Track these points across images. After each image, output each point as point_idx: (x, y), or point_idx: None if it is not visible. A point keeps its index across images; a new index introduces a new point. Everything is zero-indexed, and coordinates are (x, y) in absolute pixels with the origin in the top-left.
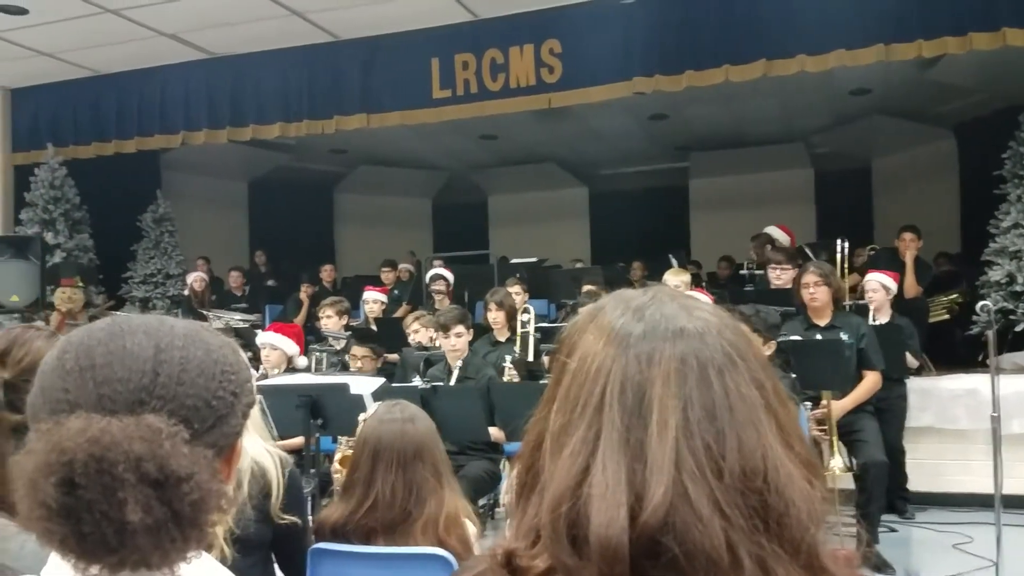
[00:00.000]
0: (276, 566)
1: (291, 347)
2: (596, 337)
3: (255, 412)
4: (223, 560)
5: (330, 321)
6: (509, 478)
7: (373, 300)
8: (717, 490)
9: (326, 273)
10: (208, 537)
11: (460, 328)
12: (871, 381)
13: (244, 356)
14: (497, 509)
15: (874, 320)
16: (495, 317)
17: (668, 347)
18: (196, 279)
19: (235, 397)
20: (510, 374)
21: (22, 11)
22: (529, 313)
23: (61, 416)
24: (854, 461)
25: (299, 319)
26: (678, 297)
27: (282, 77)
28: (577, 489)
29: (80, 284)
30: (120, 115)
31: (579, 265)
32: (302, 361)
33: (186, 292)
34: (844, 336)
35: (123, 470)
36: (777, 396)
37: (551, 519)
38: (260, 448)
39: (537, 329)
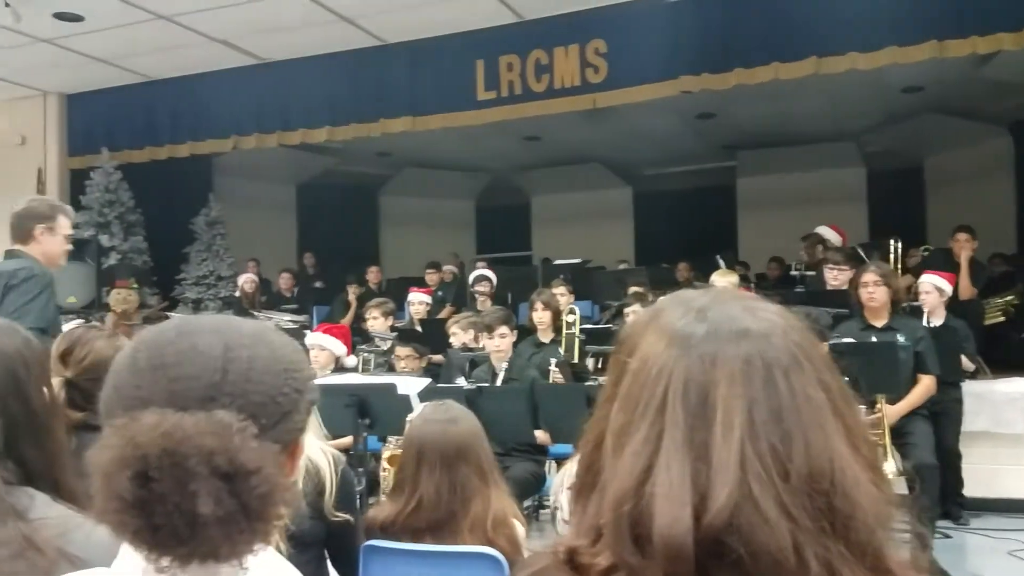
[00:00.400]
0: (329, 563)
1: (339, 348)
2: (657, 338)
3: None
4: None
5: (376, 322)
6: (557, 478)
7: (419, 301)
8: (783, 492)
9: (372, 275)
10: (273, 530)
11: (504, 329)
12: (926, 386)
13: (307, 355)
14: (542, 511)
15: (928, 322)
16: (541, 317)
17: (732, 348)
18: (247, 281)
19: (299, 394)
20: (556, 377)
21: (78, 18)
22: (574, 314)
23: (134, 412)
24: (904, 465)
25: (346, 320)
26: (741, 298)
27: (329, 81)
28: (640, 488)
29: (135, 286)
30: (173, 120)
31: (623, 266)
32: (350, 361)
33: (237, 294)
34: (901, 338)
35: (195, 463)
36: (843, 398)
37: (613, 518)
38: (314, 446)
39: (581, 330)
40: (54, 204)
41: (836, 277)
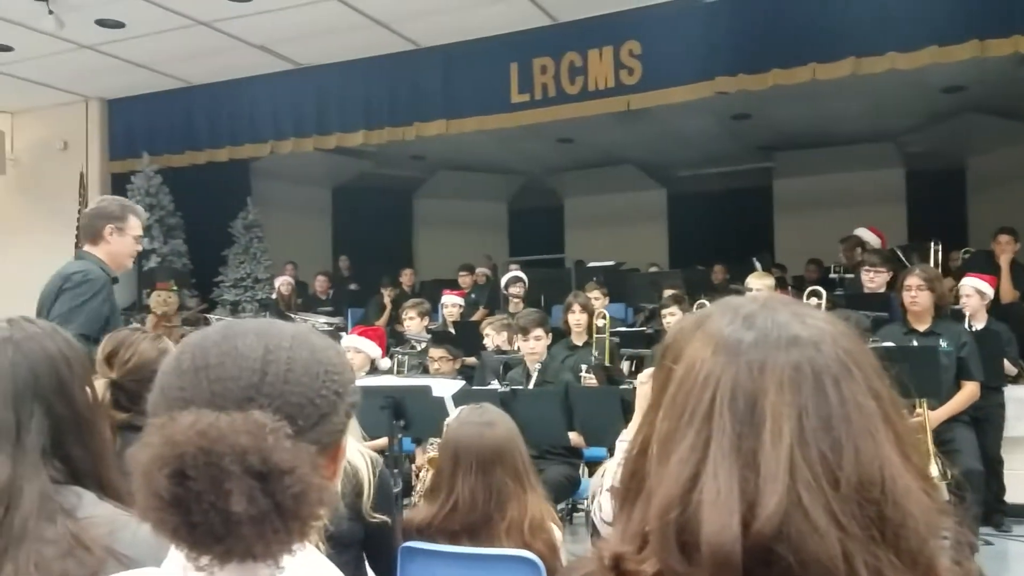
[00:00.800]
0: (367, 564)
1: (374, 350)
2: (704, 344)
3: None
4: None
5: (412, 323)
6: (594, 480)
7: (452, 304)
8: (833, 500)
9: (406, 277)
10: (311, 531)
11: (539, 331)
12: (968, 392)
13: (348, 358)
14: (575, 514)
15: (970, 326)
16: (578, 319)
17: (781, 355)
18: (283, 283)
19: (338, 396)
20: (588, 380)
21: (119, 24)
22: (605, 318)
23: (175, 412)
24: (949, 471)
25: (381, 321)
26: (791, 304)
27: (365, 86)
28: (687, 496)
29: (174, 288)
30: (211, 125)
31: (654, 269)
32: (385, 363)
33: (273, 296)
34: (943, 344)
35: (229, 462)
36: (894, 406)
37: (660, 525)
38: (352, 448)
39: (615, 333)
40: (125, 204)
41: (872, 279)
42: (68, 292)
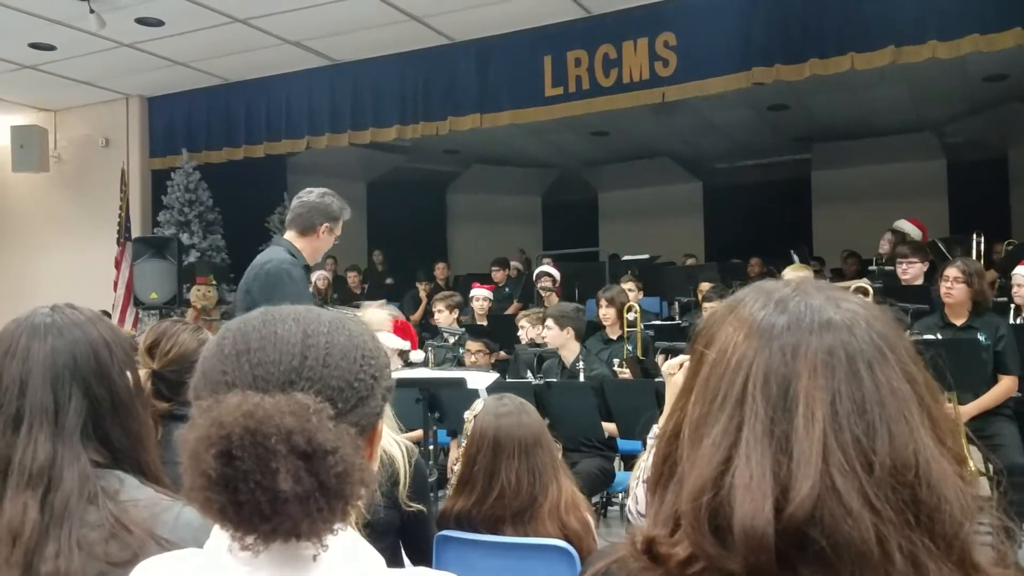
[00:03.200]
0: (404, 552)
1: (395, 342)
2: (736, 329)
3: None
4: None
5: (441, 316)
6: (634, 472)
7: (481, 297)
8: (867, 484)
9: (439, 271)
10: (352, 510)
11: (549, 322)
12: (1005, 386)
13: (383, 344)
14: (610, 507)
15: (1015, 319)
16: (606, 313)
17: (814, 339)
18: (320, 277)
19: (375, 380)
20: (622, 374)
21: (159, 23)
22: (634, 312)
23: (220, 395)
24: (990, 465)
25: (417, 316)
26: (824, 288)
27: (399, 80)
28: (719, 479)
29: (213, 282)
30: (249, 121)
31: (690, 262)
32: (417, 355)
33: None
34: (981, 337)
35: (275, 442)
36: (929, 390)
37: (692, 508)
38: (388, 437)
39: (649, 327)
40: (343, 206)
41: (905, 271)
42: (259, 282)
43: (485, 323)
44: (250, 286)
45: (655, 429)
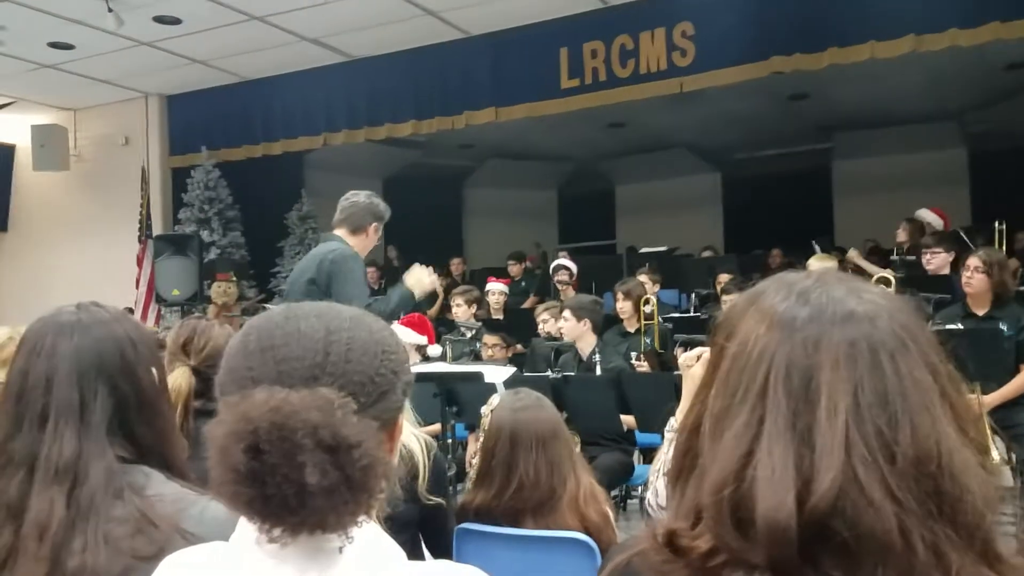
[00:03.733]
0: (423, 546)
1: (411, 336)
2: (757, 321)
3: None
4: None
5: (460, 310)
6: (652, 471)
7: (497, 291)
8: (889, 475)
9: (455, 266)
10: (375, 503)
11: (567, 313)
12: None
13: (401, 339)
14: (629, 500)
15: None
16: (622, 306)
17: (837, 331)
18: None
19: (395, 375)
20: (639, 367)
21: (176, 21)
22: (651, 304)
23: (246, 391)
24: (1013, 456)
25: (433, 310)
26: (846, 280)
27: (414, 76)
28: (741, 472)
29: (234, 279)
30: (266, 119)
31: (707, 254)
32: (434, 350)
33: None
34: (1003, 327)
35: (301, 436)
36: (951, 381)
37: (714, 501)
38: (407, 431)
39: (667, 319)
40: (387, 208)
41: (930, 261)
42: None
43: (501, 317)
44: (314, 276)
45: (672, 422)
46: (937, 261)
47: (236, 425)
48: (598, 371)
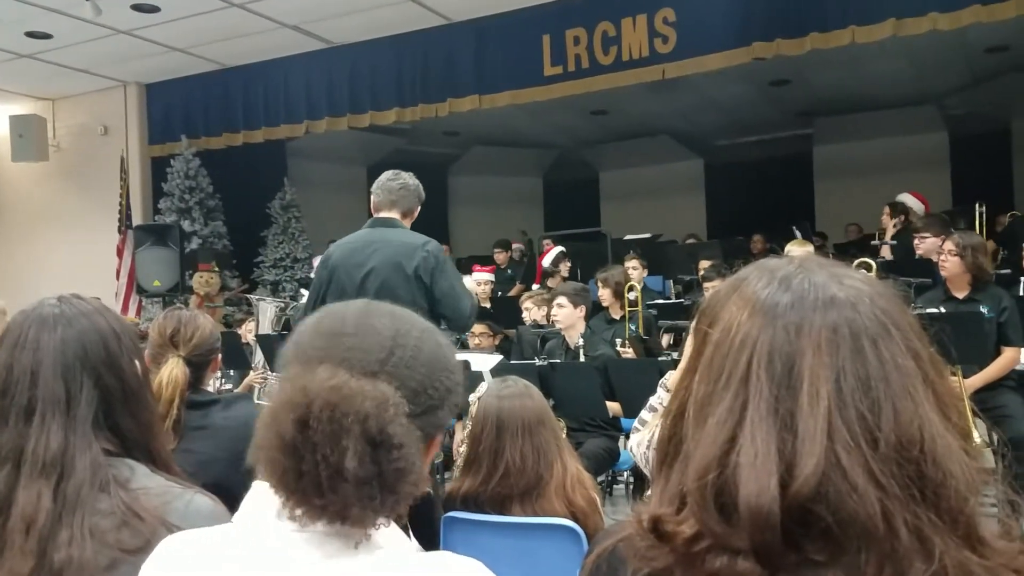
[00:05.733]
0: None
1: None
2: (740, 307)
3: None
4: None
5: None
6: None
7: (484, 281)
8: (872, 460)
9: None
10: (401, 508)
11: (562, 299)
12: (1007, 358)
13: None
14: (615, 486)
15: None
16: (602, 294)
17: (818, 317)
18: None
19: (448, 393)
20: (624, 354)
21: (155, 9)
22: (635, 291)
23: (311, 365)
24: (995, 436)
25: None
26: (827, 265)
27: (397, 63)
28: (724, 458)
29: (216, 269)
30: (247, 106)
31: (691, 241)
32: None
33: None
34: (984, 310)
35: (351, 421)
36: (933, 366)
37: (697, 487)
38: None
39: (651, 306)
40: None
41: (919, 245)
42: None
43: (488, 305)
44: (416, 269)
45: (653, 400)
46: (926, 245)
47: (293, 395)
48: (581, 358)
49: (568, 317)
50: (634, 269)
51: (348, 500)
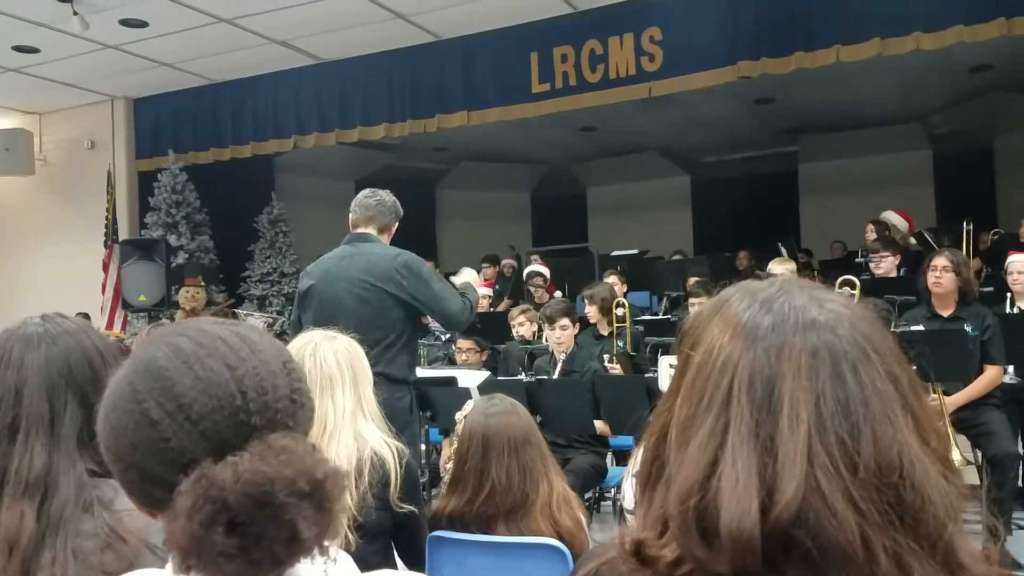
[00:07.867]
0: (396, 553)
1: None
2: (722, 329)
3: (374, 405)
4: (347, 547)
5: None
6: (627, 479)
7: (484, 295)
8: (851, 485)
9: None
10: (338, 523)
11: (565, 321)
12: (991, 376)
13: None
14: (603, 503)
15: (1011, 308)
16: (588, 310)
17: (799, 340)
18: None
19: (301, 382)
20: (612, 370)
21: (143, 24)
22: (623, 307)
23: (174, 467)
24: (978, 454)
25: None
26: (808, 288)
27: (386, 79)
28: (706, 482)
29: (202, 284)
30: (235, 121)
31: (677, 257)
32: None
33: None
34: (968, 328)
35: (285, 496)
36: (913, 390)
37: (679, 511)
38: (379, 439)
39: (638, 322)
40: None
41: (878, 265)
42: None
43: (475, 320)
44: (393, 280)
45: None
46: (885, 265)
47: (200, 511)
48: (556, 374)
49: (571, 337)
50: (615, 285)
51: (309, 551)
